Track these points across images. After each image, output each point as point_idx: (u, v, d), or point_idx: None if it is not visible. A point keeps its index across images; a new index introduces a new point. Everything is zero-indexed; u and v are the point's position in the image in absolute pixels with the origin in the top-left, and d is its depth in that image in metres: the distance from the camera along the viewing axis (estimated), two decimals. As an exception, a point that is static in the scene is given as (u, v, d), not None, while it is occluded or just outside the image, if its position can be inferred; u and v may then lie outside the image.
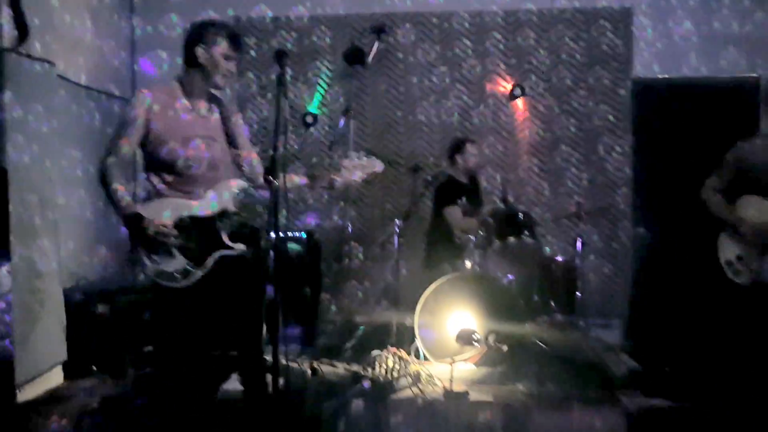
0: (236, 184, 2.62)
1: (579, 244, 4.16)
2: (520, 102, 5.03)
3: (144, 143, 2.54)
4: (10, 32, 3.17)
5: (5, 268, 3.04)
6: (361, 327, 4.40)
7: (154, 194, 2.56)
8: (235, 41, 2.55)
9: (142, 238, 2.43)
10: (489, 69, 5.09)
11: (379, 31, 4.92)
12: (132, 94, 5.11)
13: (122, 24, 5.10)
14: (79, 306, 3.67)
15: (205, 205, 2.55)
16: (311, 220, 5.19)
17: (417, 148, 5.16)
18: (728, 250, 2.92)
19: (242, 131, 2.73)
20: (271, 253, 2.33)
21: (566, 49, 5.03)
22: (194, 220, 2.52)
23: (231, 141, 2.65)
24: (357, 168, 2.66)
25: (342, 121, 4.99)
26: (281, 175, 2.30)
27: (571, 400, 3.12)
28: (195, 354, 2.69)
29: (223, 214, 2.56)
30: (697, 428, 2.77)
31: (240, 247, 2.57)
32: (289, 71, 5.13)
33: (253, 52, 5.21)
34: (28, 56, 3.33)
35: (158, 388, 3.13)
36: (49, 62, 3.56)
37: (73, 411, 3.03)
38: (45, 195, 3.44)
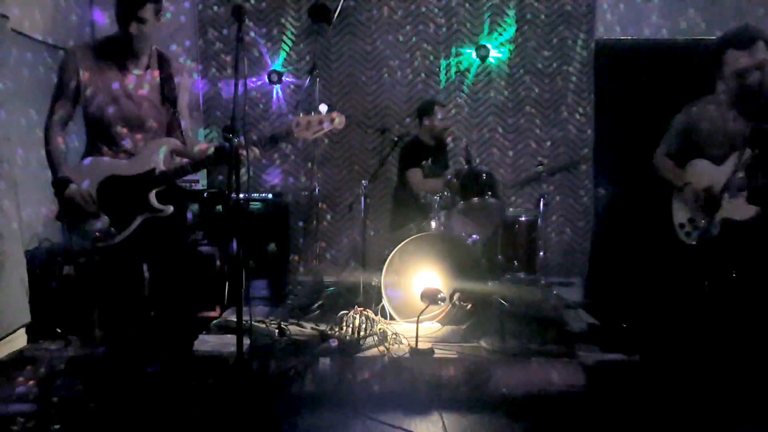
0: (167, 143, 2.59)
1: (541, 204, 4.25)
2: (487, 62, 5.03)
3: (79, 101, 2.53)
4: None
5: None
6: (330, 288, 4.46)
7: (92, 154, 2.57)
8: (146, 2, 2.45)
9: (66, 201, 2.47)
10: (455, 29, 5.06)
11: (345, -13, 4.82)
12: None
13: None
14: (43, 267, 3.63)
15: (134, 164, 2.54)
16: (276, 180, 5.17)
17: (384, 108, 5.13)
18: (679, 213, 3.01)
19: (184, 92, 2.68)
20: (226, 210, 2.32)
21: (531, 8, 5.02)
22: (121, 180, 2.51)
23: (168, 101, 2.60)
24: (312, 124, 2.52)
25: (308, 80, 4.92)
26: (241, 133, 2.29)
27: (532, 355, 3.23)
28: (169, 312, 2.71)
29: (151, 173, 2.53)
30: (650, 380, 2.90)
31: (168, 209, 2.55)
32: (253, 28, 5.03)
33: (215, 8, 5.05)
34: (-20, 9, 3.18)
35: (129, 347, 3.19)
36: (2, 16, 3.41)
37: (39, 373, 3.02)
38: (3, 154, 3.35)
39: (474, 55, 5.03)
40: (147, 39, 2.53)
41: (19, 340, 3.43)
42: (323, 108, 2.69)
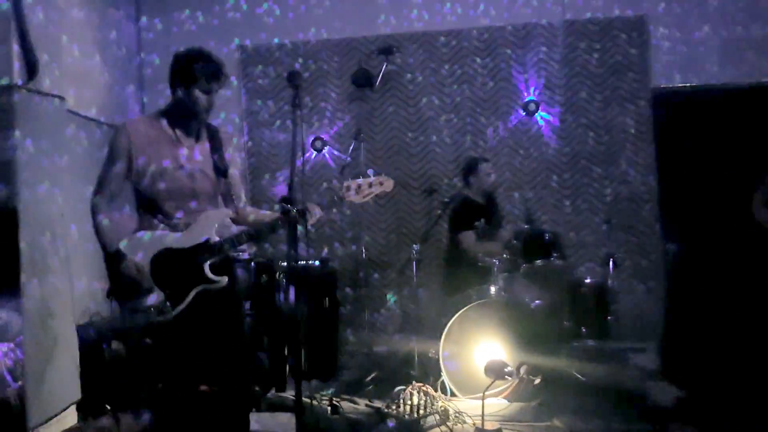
0: (220, 213, 2.55)
1: (611, 264, 3.95)
2: (536, 118, 4.88)
3: (130, 176, 2.51)
4: (19, 68, 3.12)
5: (15, 308, 3.00)
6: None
7: (144, 227, 2.52)
8: (214, 75, 2.47)
9: (120, 277, 2.42)
10: (501, 86, 4.96)
11: (387, 52, 4.84)
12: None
13: (130, 57, 5.11)
14: (93, 343, 3.60)
15: (189, 236, 2.48)
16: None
17: (430, 169, 5.02)
18: None
19: (234, 162, 2.66)
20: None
21: (580, 60, 4.89)
22: (175, 253, 2.44)
23: (220, 172, 2.56)
24: (362, 188, 2.56)
25: (352, 146, 4.86)
26: (300, 201, 2.27)
27: (616, 436, 2.89)
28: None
29: (205, 245, 2.46)
30: None
31: (223, 280, 2.46)
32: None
33: (260, 81, 5.13)
34: (38, 92, 3.27)
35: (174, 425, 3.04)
36: (59, 97, 3.49)
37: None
38: (57, 231, 3.36)
39: (522, 111, 4.90)
40: (207, 111, 2.52)
41: (70, 418, 3.35)
42: (371, 173, 2.63)
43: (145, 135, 2.50)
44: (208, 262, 2.44)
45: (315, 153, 5.07)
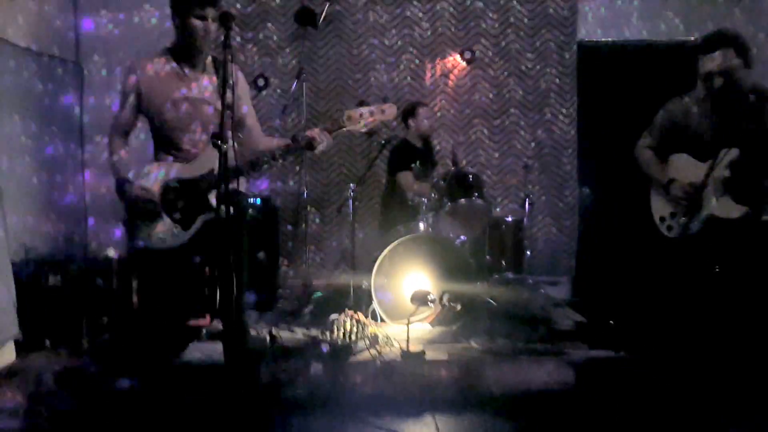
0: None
1: (527, 204, 4.31)
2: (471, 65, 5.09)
3: (141, 110, 2.59)
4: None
5: None
6: (318, 292, 4.47)
7: (158, 159, 2.63)
8: (208, 1, 2.47)
9: (129, 203, 2.51)
10: (440, 32, 5.10)
11: (330, -9, 4.85)
12: (75, 55, 4.94)
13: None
14: (30, 278, 3.58)
15: (196, 166, 2.56)
16: (264, 185, 5.17)
17: (370, 111, 5.15)
18: (660, 206, 3.05)
19: (243, 93, 2.70)
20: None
21: (514, 12, 5.08)
22: (182, 182, 2.54)
23: (225, 104, 2.57)
24: (364, 116, 2.56)
25: (294, 85, 4.93)
26: (230, 137, 2.25)
27: (521, 354, 3.27)
28: (158, 321, 2.74)
29: (211, 174, 2.52)
30: (636, 376, 2.94)
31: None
32: (239, 33, 5.03)
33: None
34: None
35: (116, 358, 3.16)
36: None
37: (27, 387, 2.99)
38: None
39: (459, 58, 5.08)
40: (206, 41, 2.53)
41: (8, 355, 3.33)
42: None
43: (151, 70, 2.55)
44: (214, 192, 2.49)
45: (257, 92, 5.09)
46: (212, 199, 2.53)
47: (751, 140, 2.75)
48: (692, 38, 4.90)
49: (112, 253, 4.31)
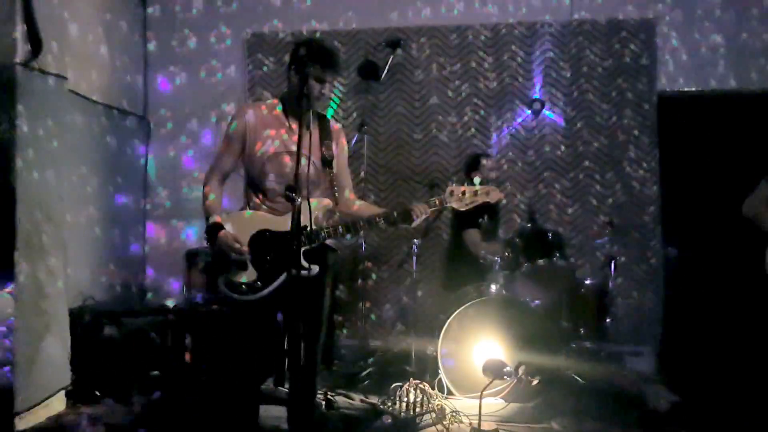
0: (322, 203, 2.59)
1: (612, 265, 3.94)
2: (541, 117, 4.86)
3: (242, 156, 2.59)
4: (23, 46, 3.08)
5: (8, 290, 2.98)
6: (371, 358, 4.20)
7: (248, 207, 2.61)
8: (327, 63, 2.51)
9: (216, 249, 2.49)
10: (507, 83, 4.93)
11: (394, 45, 4.80)
12: (143, 110, 5.04)
13: (135, 39, 5.05)
14: (86, 328, 3.59)
15: (287, 221, 2.44)
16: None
17: (432, 164, 4.99)
18: None
19: (341, 153, 2.70)
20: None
21: (587, 61, 4.86)
22: (272, 235, 2.51)
23: (326, 162, 2.61)
24: (467, 196, 2.59)
25: (356, 137, 4.83)
26: (305, 191, 2.27)
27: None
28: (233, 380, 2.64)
29: (301, 232, 2.45)
30: None
31: (314, 267, 2.47)
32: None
33: (265, 68, 5.08)
34: (40, 71, 3.24)
35: (166, 416, 3.06)
36: (61, 76, 3.46)
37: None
38: (53, 213, 3.34)
39: (527, 110, 4.87)
40: (319, 99, 2.57)
41: (58, 404, 3.31)
42: (476, 180, 2.66)
43: (259, 118, 2.57)
44: (303, 249, 2.45)
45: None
46: (300, 257, 2.43)
47: None
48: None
49: (170, 303, 4.28)
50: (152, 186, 5.15)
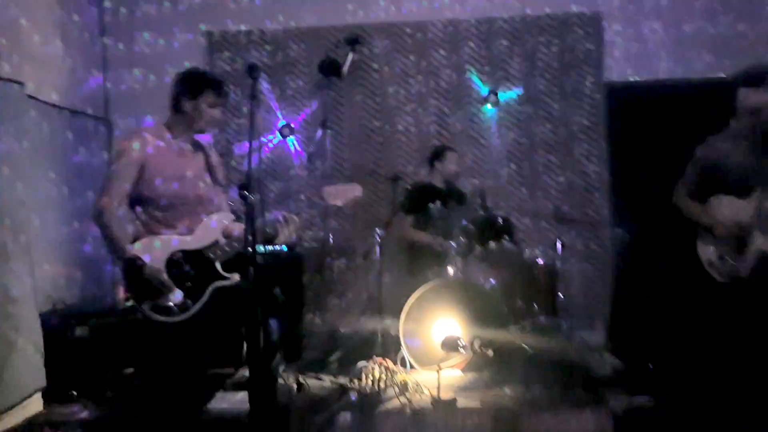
0: (223, 216, 2.79)
1: (559, 247, 4.20)
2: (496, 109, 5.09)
3: (139, 184, 2.66)
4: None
5: None
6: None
7: (141, 231, 2.69)
8: (219, 90, 2.73)
9: (140, 282, 2.55)
10: (464, 78, 5.14)
11: (354, 42, 4.95)
12: (105, 113, 5.09)
13: (93, 40, 5.04)
14: (57, 330, 3.62)
15: (198, 239, 2.70)
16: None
17: (395, 158, 5.17)
18: (707, 251, 2.95)
19: (221, 170, 2.92)
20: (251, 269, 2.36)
21: (540, 54, 5.10)
22: (187, 254, 2.65)
23: (216, 180, 2.84)
24: (339, 193, 2.83)
25: (319, 133, 4.99)
26: (256, 188, 2.37)
27: (558, 402, 3.13)
28: (180, 374, 2.78)
29: (214, 245, 2.71)
30: (681, 424, 2.81)
31: (235, 276, 2.68)
32: (264, 84, 5.15)
33: (227, 67, 5.19)
34: (-3, 77, 3.29)
35: (140, 409, 3.14)
36: (18, 82, 3.51)
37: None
38: (17, 218, 3.38)
39: (483, 99, 5.09)
40: (210, 124, 2.77)
41: (35, 405, 3.38)
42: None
43: (154, 145, 2.68)
44: (219, 261, 2.67)
45: (281, 139, 5.16)
46: (219, 268, 2.67)
47: None
48: (722, 75, 4.84)
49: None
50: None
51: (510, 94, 5.09)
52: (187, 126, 2.74)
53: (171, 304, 2.58)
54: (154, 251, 2.63)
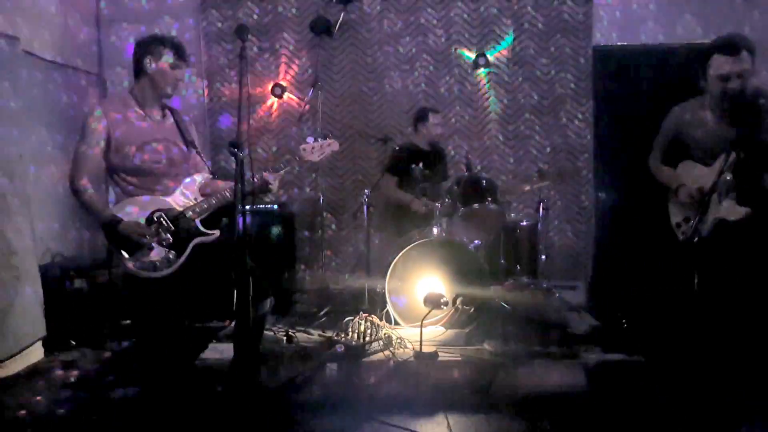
0: (200, 176, 2.85)
1: (541, 209, 4.32)
2: (484, 71, 5.12)
3: (106, 151, 2.69)
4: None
5: None
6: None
7: (122, 195, 2.74)
8: (180, 52, 2.74)
9: (120, 239, 2.60)
10: (454, 38, 5.16)
11: (345, 1, 4.93)
12: (98, 67, 5.08)
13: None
14: (57, 281, 3.72)
15: (176, 199, 2.76)
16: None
17: (385, 118, 5.22)
18: (675, 213, 3.08)
19: (192, 131, 2.93)
20: (240, 225, 2.43)
21: (528, 17, 5.11)
22: (167, 212, 2.70)
23: (188, 143, 2.85)
24: (315, 150, 2.88)
25: (310, 93, 5.01)
26: (246, 146, 2.41)
27: (534, 357, 3.28)
28: (173, 326, 2.83)
29: (195, 203, 2.77)
30: (650, 379, 2.95)
31: (215, 233, 2.77)
32: (256, 43, 5.14)
33: (220, 23, 5.17)
34: (-10, 32, 3.29)
35: (138, 359, 3.26)
36: (13, 37, 3.51)
37: (53, 385, 3.08)
38: (16, 171, 3.43)
39: (473, 63, 5.12)
40: (174, 87, 2.76)
41: (36, 353, 3.49)
42: (310, 140, 2.93)
43: (116, 113, 2.70)
44: (199, 219, 2.74)
45: (275, 99, 5.19)
46: (199, 225, 2.74)
47: (756, 143, 2.75)
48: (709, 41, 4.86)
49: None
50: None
51: (503, 44, 5.10)
52: (152, 91, 2.75)
53: (154, 260, 2.64)
54: (133, 214, 2.68)
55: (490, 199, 3.95)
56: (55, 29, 4.43)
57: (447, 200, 4.05)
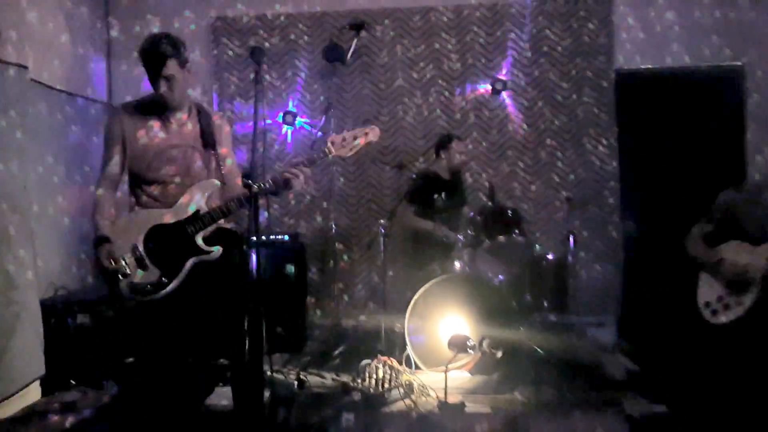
0: (208, 185, 2.56)
1: (571, 240, 4.08)
2: (503, 96, 4.95)
3: (126, 159, 2.56)
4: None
5: None
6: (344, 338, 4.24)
7: (137, 207, 2.58)
8: (157, 60, 2.47)
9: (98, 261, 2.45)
10: (470, 64, 5.00)
11: (358, 27, 4.82)
12: (108, 96, 4.98)
13: (97, 25, 4.96)
14: (58, 317, 3.58)
15: (179, 210, 2.51)
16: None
17: (400, 145, 5.05)
18: (707, 290, 3.02)
19: (221, 131, 2.67)
20: (254, 258, 2.26)
21: (548, 41, 4.94)
22: (167, 228, 2.47)
23: (209, 144, 2.59)
24: (347, 142, 2.52)
25: (323, 120, 4.87)
26: (261, 176, 2.28)
27: (571, 406, 3.02)
28: (175, 365, 2.64)
29: (195, 216, 2.48)
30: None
31: (216, 251, 2.48)
32: (268, 71, 5.03)
33: (231, 52, 5.06)
34: (0, 61, 3.22)
35: (139, 401, 3.07)
36: (22, 66, 3.43)
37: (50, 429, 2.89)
38: (19, 203, 3.34)
39: (490, 89, 4.95)
40: (180, 93, 2.54)
41: (33, 393, 3.35)
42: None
43: (137, 118, 2.55)
44: (201, 234, 2.46)
45: (286, 127, 5.04)
46: (199, 242, 2.47)
47: None
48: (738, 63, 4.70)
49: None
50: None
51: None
52: (161, 100, 2.53)
53: (143, 282, 2.40)
54: (131, 227, 2.49)
55: (516, 230, 3.72)
56: (65, 58, 4.40)
57: (469, 231, 3.82)
